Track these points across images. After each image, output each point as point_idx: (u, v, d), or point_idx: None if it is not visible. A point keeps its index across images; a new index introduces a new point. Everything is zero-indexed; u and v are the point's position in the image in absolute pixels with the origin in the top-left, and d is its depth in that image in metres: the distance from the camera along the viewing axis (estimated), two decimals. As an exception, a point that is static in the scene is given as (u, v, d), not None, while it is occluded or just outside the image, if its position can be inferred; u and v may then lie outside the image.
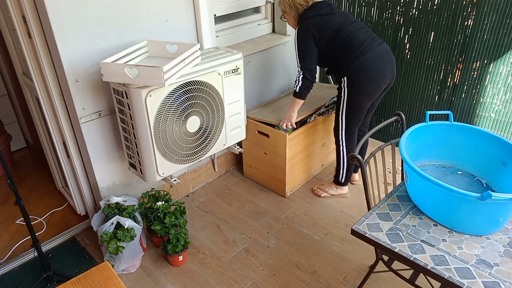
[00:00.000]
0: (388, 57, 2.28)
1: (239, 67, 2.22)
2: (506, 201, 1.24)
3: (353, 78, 2.27)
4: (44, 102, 2.11)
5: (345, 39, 2.24)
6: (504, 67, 2.53)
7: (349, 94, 2.31)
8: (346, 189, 2.70)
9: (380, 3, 2.90)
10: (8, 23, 2.34)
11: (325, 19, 2.26)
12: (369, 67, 2.23)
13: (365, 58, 2.22)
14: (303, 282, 2.10)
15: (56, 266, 2.22)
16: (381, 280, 2.08)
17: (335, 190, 2.70)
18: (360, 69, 2.23)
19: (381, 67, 2.25)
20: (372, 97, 2.33)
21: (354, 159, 1.55)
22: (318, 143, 2.82)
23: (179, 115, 2.00)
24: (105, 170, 2.29)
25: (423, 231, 1.40)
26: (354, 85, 2.28)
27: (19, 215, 2.58)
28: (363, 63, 2.22)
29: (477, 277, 1.22)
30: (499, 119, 2.67)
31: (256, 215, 2.58)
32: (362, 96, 2.31)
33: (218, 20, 2.69)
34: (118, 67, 1.77)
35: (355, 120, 2.42)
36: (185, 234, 2.15)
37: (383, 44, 2.29)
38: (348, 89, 2.30)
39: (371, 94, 2.31)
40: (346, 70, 2.27)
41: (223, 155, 2.95)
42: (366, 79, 2.26)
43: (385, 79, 2.29)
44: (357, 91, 2.29)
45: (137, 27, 2.12)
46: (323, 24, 2.26)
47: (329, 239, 2.37)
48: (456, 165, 1.65)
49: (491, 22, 2.47)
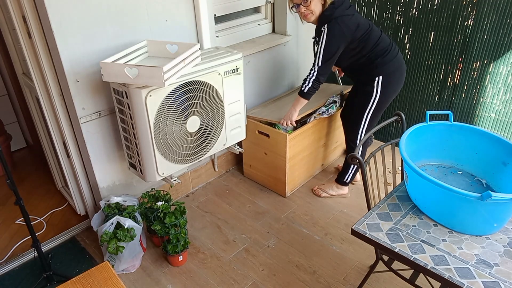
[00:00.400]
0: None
1: (239, 67, 2.22)
2: (506, 201, 1.24)
3: (389, 77, 2.31)
4: (44, 102, 2.11)
5: (377, 40, 2.28)
6: (504, 67, 2.53)
7: (382, 93, 2.33)
8: (347, 189, 2.70)
9: (380, 3, 2.90)
10: (8, 23, 2.34)
11: (355, 19, 2.22)
12: (402, 67, 2.35)
13: (398, 57, 2.33)
14: (303, 282, 2.10)
15: (56, 266, 2.22)
16: (381, 280, 2.08)
17: (335, 190, 2.70)
18: (396, 68, 2.31)
19: (404, 68, 2.39)
20: (396, 94, 2.43)
21: (355, 159, 1.56)
22: (319, 143, 2.82)
23: (179, 115, 2.00)
24: (105, 170, 2.29)
25: (423, 231, 1.40)
26: (389, 84, 2.33)
27: (19, 215, 2.58)
28: (398, 62, 2.32)
29: (477, 277, 1.22)
30: (499, 119, 2.67)
31: (256, 215, 2.58)
32: (393, 95, 2.40)
33: (218, 20, 2.69)
34: (118, 67, 1.77)
35: (377, 118, 2.48)
36: (185, 234, 2.15)
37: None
38: (382, 88, 2.32)
39: (397, 92, 2.42)
40: (383, 69, 2.29)
41: (223, 155, 2.95)
42: (400, 78, 2.36)
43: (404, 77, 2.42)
44: (391, 90, 2.36)
45: (137, 27, 2.12)
46: (356, 24, 2.21)
47: (329, 239, 2.37)
48: (456, 165, 1.65)
49: (491, 22, 2.47)
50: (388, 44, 2.30)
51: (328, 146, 2.95)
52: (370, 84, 2.33)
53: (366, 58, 2.29)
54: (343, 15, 2.17)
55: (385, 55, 2.27)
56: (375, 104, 2.37)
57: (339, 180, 2.68)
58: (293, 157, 2.62)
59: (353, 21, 2.21)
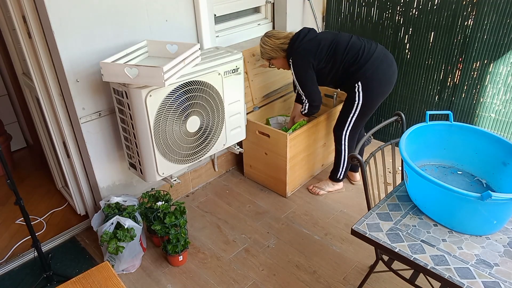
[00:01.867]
0: (389, 54, 2.37)
1: (239, 67, 2.22)
2: (506, 201, 1.24)
3: (368, 81, 2.30)
4: (44, 102, 2.11)
5: (345, 50, 2.30)
6: (504, 67, 2.53)
7: (364, 98, 2.33)
8: (342, 184, 2.75)
9: (380, 3, 2.90)
10: (8, 23, 2.34)
11: (314, 41, 2.33)
12: (380, 67, 2.30)
13: (373, 59, 2.28)
14: (303, 282, 2.10)
15: (56, 266, 2.22)
16: (381, 280, 2.08)
17: (331, 187, 2.73)
18: (373, 71, 2.29)
19: (390, 64, 2.34)
20: (386, 95, 2.41)
21: (354, 159, 1.56)
22: (319, 143, 2.82)
23: (179, 115, 2.00)
24: (105, 170, 2.29)
25: (423, 231, 1.40)
26: (370, 87, 2.31)
27: (19, 215, 2.58)
28: (374, 64, 2.28)
29: (477, 277, 1.22)
30: (499, 119, 2.67)
31: (256, 215, 2.58)
32: (378, 97, 2.37)
33: (218, 20, 2.69)
34: (118, 67, 1.77)
35: (364, 121, 2.48)
36: (185, 234, 2.16)
37: (377, 44, 2.37)
38: (364, 93, 2.32)
39: (385, 92, 2.39)
40: (359, 75, 2.29)
41: (223, 155, 2.95)
42: (381, 79, 2.33)
43: (394, 75, 2.38)
44: (373, 93, 2.33)
45: (137, 27, 2.12)
46: (316, 47, 2.31)
47: (329, 239, 2.37)
48: (456, 165, 1.65)
49: (491, 22, 2.47)
50: (358, 49, 2.29)
51: (328, 146, 2.95)
52: (352, 90, 2.35)
53: (341, 70, 2.34)
54: (300, 45, 2.32)
55: (357, 61, 2.28)
56: (358, 109, 2.38)
57: (333, 177, 2.71)
58: (294, 157, 2.62)
59: (313, 44, 2.31)
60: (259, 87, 2.81)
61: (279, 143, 2.55)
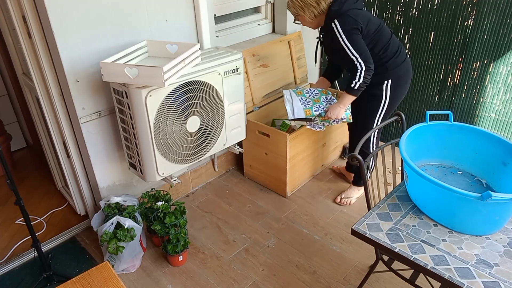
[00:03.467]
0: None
1: (239, 67, 2.22)
2: (506, 201, 1.24)
3: (398, 81, 2.21)
4: (44, 102, 2.11)
5: (388, 40, 2.15)
6: (504, 67, 2.53)
7: (391, 97, 2.23)
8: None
9: (380, 3, 2.90)
10: (8, 23, 2.34)
11: (365, 13, 2.08)
12: (410, 70, 2.25)
13: (407, 60, 2.23)
14: (303, 282, 2.10)
15: (56, 266, 2.22)
16: (381, 280, 2.08)
17: (357, 192, 2.66)
18: (404, 72, 2.22)
19: (411, 71, 2.29)
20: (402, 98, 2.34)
21: (354, 159, 1.55)
22: (319, 143, 2.82)
23: (179, 115, 2.00)
24: (105, 170, 2.29)
25: (423, 231, 1.40)
26: (398, 88, 2.23)
27: (19, 215, 2.58)
28: (407, 65, 2.23)
29: (477, 277, 1.22)
30: (499, 119, 2.67)
31: (256, 215, 2.58)
32: (400, 99, 2.30)
33: (218, 20, 2.69)
34: (118, 67, 1.77)
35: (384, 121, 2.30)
36: (185, 234, 2.16)
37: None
38: (391, 92, 2.22)
39: (403, 97, 2.32)
40: (393, 72, 2.18)
41: (223, 155, 2.95)
42: (407, 82, 2.27)
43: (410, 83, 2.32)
44: (399, 94, 2.27)
45: (137, 27, 2.12)
46: (368, 18, 2.07)
47: (329, 239, 2.37)
48: (456, 165, 1.65)
49: (491, 22, 2.47)
50: (399, 45, 2.20)
51: (328, 146, 2.95)
52: (378, 87, 2.21)
53: (377, 58, 2.13)
54: (352, 9, 2.05)
55: (395, 56, 2.16)
56: (385, 108, 2.27)
57: (357, 182, 2.64)
58: (294, 157, 2.62)
59: (364, 15, 2.07)
60: (259, 87, 2.80)
61: (279, 143, 2.55)
